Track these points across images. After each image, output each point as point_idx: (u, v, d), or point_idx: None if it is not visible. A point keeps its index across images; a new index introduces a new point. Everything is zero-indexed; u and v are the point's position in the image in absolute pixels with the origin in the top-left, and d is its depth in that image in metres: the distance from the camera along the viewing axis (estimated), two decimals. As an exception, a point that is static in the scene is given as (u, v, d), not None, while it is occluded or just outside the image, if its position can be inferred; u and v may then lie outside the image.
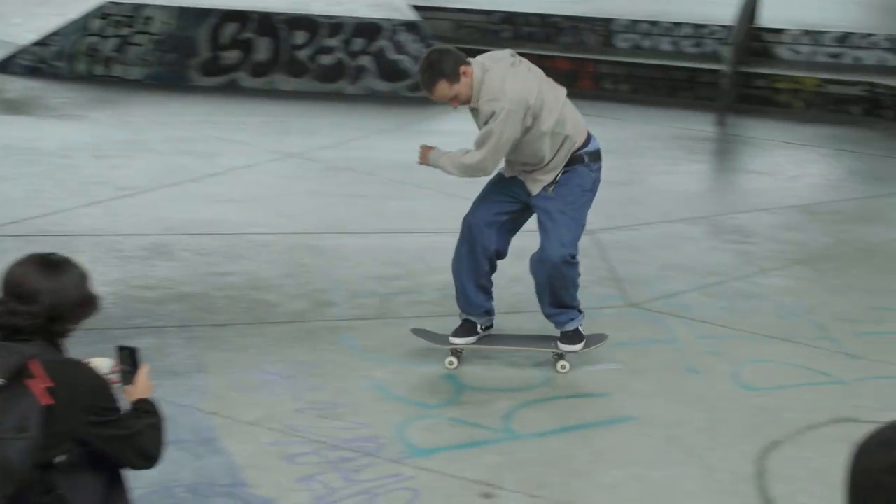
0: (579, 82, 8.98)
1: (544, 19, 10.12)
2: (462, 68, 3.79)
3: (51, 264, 2.44)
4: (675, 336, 4.55)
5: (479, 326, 4.24)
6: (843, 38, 9.38)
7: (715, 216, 6.37)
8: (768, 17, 9.55)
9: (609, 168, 4.70)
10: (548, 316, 4.16)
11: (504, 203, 4.12)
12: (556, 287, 4.05)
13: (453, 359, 4.19)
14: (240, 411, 3.70)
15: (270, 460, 3.36)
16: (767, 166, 7.82)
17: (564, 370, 4.11)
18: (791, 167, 7.86)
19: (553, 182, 4.04)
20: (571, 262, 3.98)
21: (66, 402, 2.29)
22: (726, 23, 9.31)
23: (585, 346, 4.13)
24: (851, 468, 1.20)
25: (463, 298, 4.17)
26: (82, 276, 2.48)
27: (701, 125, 8.66)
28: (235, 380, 3.97)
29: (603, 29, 9.65)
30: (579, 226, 4.05)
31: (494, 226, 4.08)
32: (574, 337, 4.10)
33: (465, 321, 4.20)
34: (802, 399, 3.91)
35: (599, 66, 9.46)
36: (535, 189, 4.06)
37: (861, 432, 1.36)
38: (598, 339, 4.20)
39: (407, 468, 3.33)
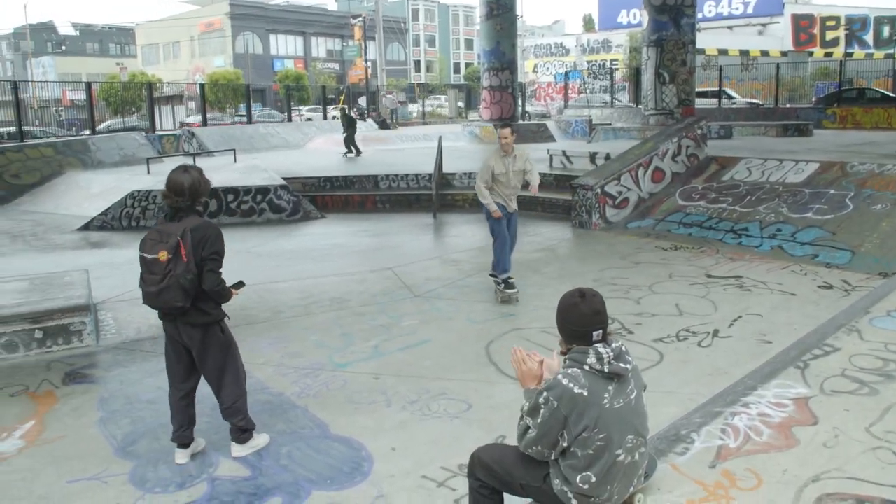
0: (367, 205, 15.68)
1: (346, 178, 16.83)
2: (515, 133, 8.15)
3: (184, 169, 4.26)
4: (439, 307, 7.93)
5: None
6: (476, 174, 16.71)
7: (442, 256, 10.64)
8: (447, 167, 16.03)
9: (386, 241, 11.43)
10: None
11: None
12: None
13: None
14: (253, 358, 5.95)
15: (276, 378, 5.91)
16: (459, 232, 12.69)
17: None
18: (469, 231, 12.52)
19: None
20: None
21: (197, 246, 4.18)
22: (430, 172, 15.64)
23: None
24: (559, 306, 2.99)
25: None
26: (201, 171, 4.25)
27: (426, 219, 14.10)
28: (255, 346, 6.72)
29: (373, 179, 16.60)
30: None
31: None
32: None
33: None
34: (496, 323, 7.28)
35: (375, 196, 15.89)
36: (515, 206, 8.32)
37: (522, 333, 6.79)
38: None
39: (338, 372, 6.02)
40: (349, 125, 23.94)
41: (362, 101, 47.60)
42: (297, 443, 4.83)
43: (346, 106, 31.61)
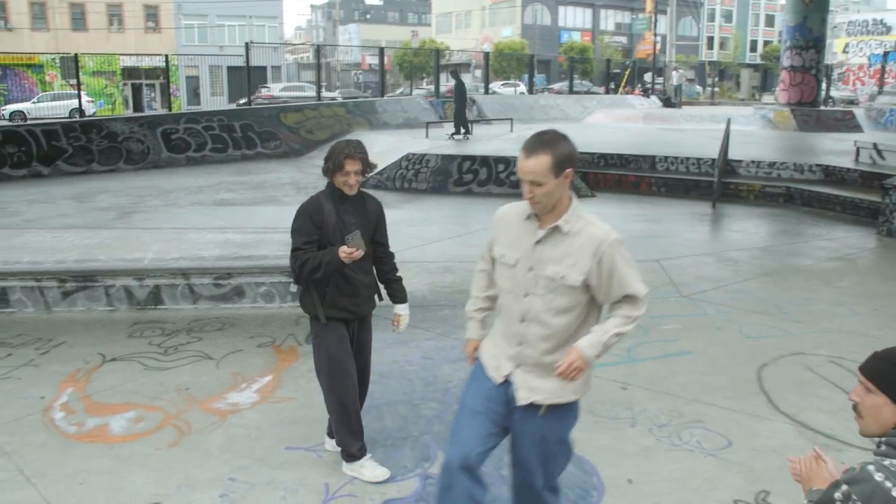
0: (641, 187, 14.90)
1: (622, 156, 15.87)
2: (568, 169, 2.76)
3: (347, 142, 3.88)
4: (707, 313, 7.02)
5: None
6: (772, 164, 14.52)
7: (717, 252, 9.62)
8: (733, 153, 14.88)
9: (657, 229, 10.50)
10: None
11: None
12: None
13: None
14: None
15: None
16: (740, 228, 11.57)
17: None
18: (752, 228, 11.49)
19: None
20: None
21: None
22: (713, 157, 14.62)
23: None
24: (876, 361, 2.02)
25: None
26: (355, 148, 3.79)
27: (703, 208, 12.90)
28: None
29: (650, 160, 15.58)
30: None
31: None
32: None
33: None
34: (774, 342, 6.18)
35: (650, 179, 14.91)
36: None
37: (804, 360, 5.52)
38: None
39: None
40: (460, 96, 19.09)
41: (648, 77, 45.82)
42: (524, 452, 4.33)
43: (456, 68, 24.56)
